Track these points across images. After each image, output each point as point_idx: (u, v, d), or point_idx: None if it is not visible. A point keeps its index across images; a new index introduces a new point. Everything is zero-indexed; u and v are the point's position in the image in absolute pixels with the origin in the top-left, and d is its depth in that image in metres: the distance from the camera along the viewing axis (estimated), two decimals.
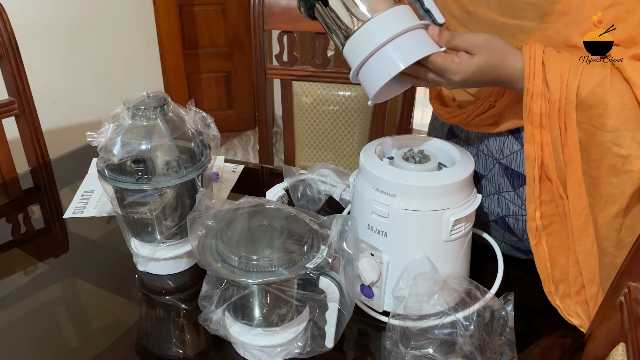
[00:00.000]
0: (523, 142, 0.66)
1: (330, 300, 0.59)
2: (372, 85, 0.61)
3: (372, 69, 0.60)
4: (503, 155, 0.74)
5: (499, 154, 0.74)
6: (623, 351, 0.52)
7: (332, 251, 0.58)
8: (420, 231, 0.64)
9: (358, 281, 0.68)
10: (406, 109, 1.91)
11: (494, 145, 0.75)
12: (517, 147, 0.72)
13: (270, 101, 1.40)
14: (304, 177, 0.91)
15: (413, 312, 0.61)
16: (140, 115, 0.71)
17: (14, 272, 0.82)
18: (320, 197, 0.91)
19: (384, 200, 0.63)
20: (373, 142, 0.73)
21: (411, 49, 0.59)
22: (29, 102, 1.16)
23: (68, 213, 0.96)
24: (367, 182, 0.66)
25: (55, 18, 1.86)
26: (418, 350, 0.59)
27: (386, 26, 0.58)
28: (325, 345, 0.62)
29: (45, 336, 0.69)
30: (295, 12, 1.25)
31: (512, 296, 0.62)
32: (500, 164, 0.74)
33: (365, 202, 0.66)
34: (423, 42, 0.60)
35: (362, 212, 0.67)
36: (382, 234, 0.65)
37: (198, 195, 0.66)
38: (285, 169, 0.90)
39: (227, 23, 2.93)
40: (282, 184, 0.88)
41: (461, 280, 0.63)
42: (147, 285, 0.78)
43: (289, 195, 0.90)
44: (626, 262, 0.56)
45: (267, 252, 0.57)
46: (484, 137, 0.76)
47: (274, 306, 0.59)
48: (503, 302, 0.62)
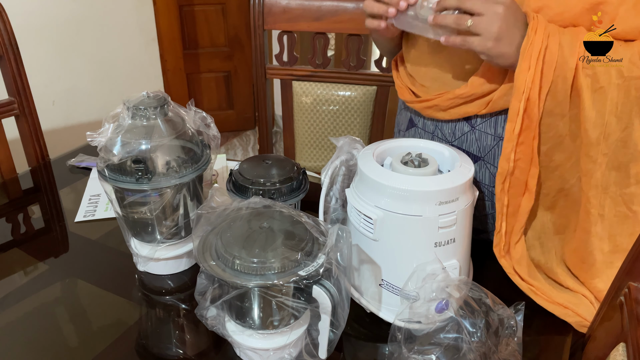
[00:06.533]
0: (472, 125, 0.78)
1: (322, 312, 0.58)
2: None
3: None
4: (455, 138, 0.82)
5: (452, 137, 0.82)
6: (623, 351, 0.52)
7: (327, 261, 0.57)
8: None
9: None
10: None
11: (447, 129, 0.82)
12: (467, 128, 0.80)
13: (270, 101, 1.40)
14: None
15: (420, 315, 0.61)
16: (140, 115, 0.71)
17: (14, 272, 0.82)
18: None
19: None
20: (370, 146, 0.73)
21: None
22: (29, 102, 1.16)
23: (79, 217, 0.96)
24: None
25: (55, 18, 1.86)
26: (421, 355, 0.59)
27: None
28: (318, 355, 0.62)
29: (45, 336, 0.69)
30: (295, 12, 1.25)
31: (522, 306, 0.61)
32: (453, 145, 0.80)
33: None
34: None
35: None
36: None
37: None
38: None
39: (227, 23, 2.93)
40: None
41: (471, 285, 0.62)
42: (147, 285, 0.78)
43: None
44: (626, 262, 0.56)
45: (260, 255, 0.56)
46: (438, 123, 0.84)
47: (267, 310, 0.58)
48: (513, 312, 0.61)
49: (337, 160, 0.75)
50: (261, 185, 0.80)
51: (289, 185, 0.81)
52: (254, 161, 0.86)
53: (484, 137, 0.78)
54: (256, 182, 0.80)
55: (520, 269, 0.72)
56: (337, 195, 0.78)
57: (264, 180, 0.80)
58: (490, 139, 0.77)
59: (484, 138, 0.78)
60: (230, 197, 0.81)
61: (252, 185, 0.80)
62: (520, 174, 0.69)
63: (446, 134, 0.82)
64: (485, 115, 0.77)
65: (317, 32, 1.26)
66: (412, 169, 0.66)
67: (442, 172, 0.71)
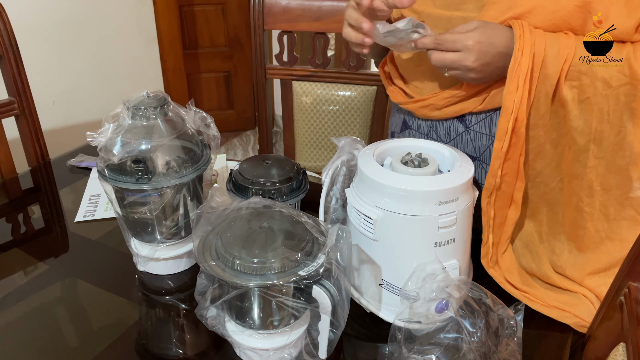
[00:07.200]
0: (467, 125, 0.79)
1: (322, 312, 0.58)
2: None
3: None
4: (450, 138, 0.82)
5: (447, 138, 0.82)
6: (623, 351, 0.52)
7: (327, 261, 0.57)
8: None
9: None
10: None
11: (441, 130, 0.83)
12: (461, 129, 0.80)
13: (270, 101, 1.40)
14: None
15: (420, 315, 0.61)
16: (140, 115, 0.71)
17: (14, 272, 0.82)
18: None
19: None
20: (370, 146, 0.73)
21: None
22: (29, 102, 1.16)
23: (79, 217, 0.96)
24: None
25: (55, 18, 1.86)
26: (421, 355, 0.59)
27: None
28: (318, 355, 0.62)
29: (45, 336, 0.69)
30: (295, 12, 1.25)
31: (522, 306, 0.61)
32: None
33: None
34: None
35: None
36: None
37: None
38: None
39: (227, 23, 2.93)
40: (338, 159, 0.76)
41: (471, 285, 0.62)
42: (147, 285, 0.78)
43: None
44: (626, 262, 0.56)
45: (260, 255, 0.56)
46: (433, 124, 0.84)
47: (267, 310, 0.58)
48: (513, 312, 0.61)
49: (338, 161, 0.75)
50: (261, 185, 0.80)
51: (289, 185, 0.81)
52: (254, 161, 0.86)
53: (479, 137, 0.78)
54: (256, 182, 0.80)
55: (512, 277, 0.73)
56: (337, 196, 0.78)
57: (264, 180, 0.80)
58: (485, 138, 0.77)
59: (479, 138, 0.78)
60: (230, 197, 0.81)
61: (252, 185, 0.80)
62: (506, 188, 0.71)
63: (441, 135, 0.82)
64: (480, 114, 0.77)
65: (317, 32, 1.26)
66: (412, 169, 0.66)
67: (442, 172, 0.71)
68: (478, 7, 0.72)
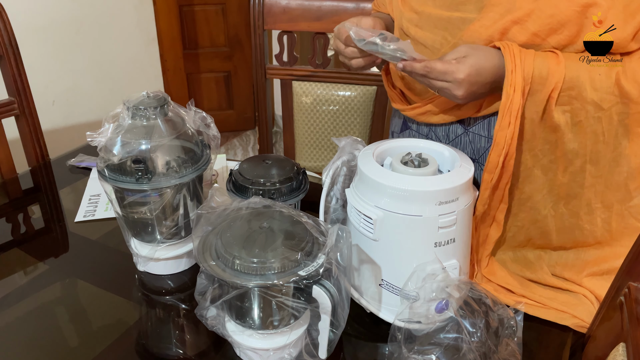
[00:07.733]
0: (466, 127, 0.78)
1: (322, 312, 0.58)
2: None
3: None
4: (449, 140, 0.81)
5: (446, 139, 0.82)
6: (623, 351, 0.52)
7: (327, 261, 0.57)
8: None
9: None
10: None
11: (440, 132, 0.83)
12: (460, 131, 0.80)
13: (270, 101, 1.40)
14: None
15: (420, 315, 0.61)
16: (140, 115, 0.71)
17: (14, 272, 0.82)
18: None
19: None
20: (370, 146, 0.73)
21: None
22: (29, 102, 1.16)
23: (79, 217, 0.96)
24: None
25: (55, 18, 1.86)
26: (421, 355, 0.59)
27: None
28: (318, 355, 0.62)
29: (45, 336, 0.69)
30: (295, 12, 1.25)
31: (523, 306, 0.62)
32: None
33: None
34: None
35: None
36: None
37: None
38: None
39: (227, 23, 2.93)
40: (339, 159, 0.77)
41: (471, 285, 0.62)
42: (147, 285, 0.78)
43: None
44: (626, 262, 0.56)
45: (260, 255, 0.56)
46: (432, 126, 0.84)
47: (267, 310, 0.58)
48: (514, 312, 0.61)
49: (338, 161, 0.75)
50: (261, 185, 0.80)
51: (289, 185, 0.81)
52: (254, 161, 0.86)
53: (477, 139, 0.78)
54: (256, 182, 0.80)
55: (509, 283, 0.74)
56: (337, 196, 0.78)
57: (264, 180, 0.80)
58: (484, 140, 0.77)
59: (477, 140, 0.78)
60: (230, 197, 0.81)
61: (252, 185, 0.80)
62: (490, 210, 0.73)
63: (440, 137, 0.83)
64: (479, 117, 0.77)
65: (317, 32, 1.26)
66: (412, 169, 0.66)
67: (442, 172, 0.71)
68: (478, 8, 0.72)
